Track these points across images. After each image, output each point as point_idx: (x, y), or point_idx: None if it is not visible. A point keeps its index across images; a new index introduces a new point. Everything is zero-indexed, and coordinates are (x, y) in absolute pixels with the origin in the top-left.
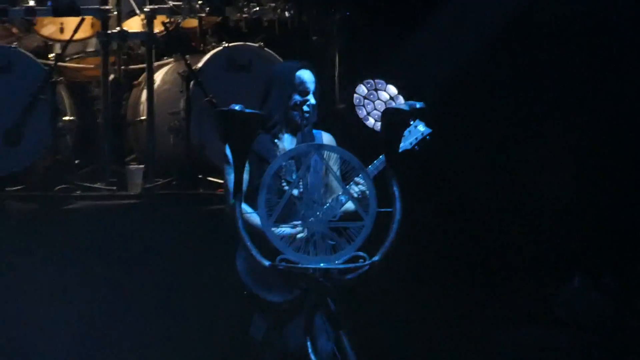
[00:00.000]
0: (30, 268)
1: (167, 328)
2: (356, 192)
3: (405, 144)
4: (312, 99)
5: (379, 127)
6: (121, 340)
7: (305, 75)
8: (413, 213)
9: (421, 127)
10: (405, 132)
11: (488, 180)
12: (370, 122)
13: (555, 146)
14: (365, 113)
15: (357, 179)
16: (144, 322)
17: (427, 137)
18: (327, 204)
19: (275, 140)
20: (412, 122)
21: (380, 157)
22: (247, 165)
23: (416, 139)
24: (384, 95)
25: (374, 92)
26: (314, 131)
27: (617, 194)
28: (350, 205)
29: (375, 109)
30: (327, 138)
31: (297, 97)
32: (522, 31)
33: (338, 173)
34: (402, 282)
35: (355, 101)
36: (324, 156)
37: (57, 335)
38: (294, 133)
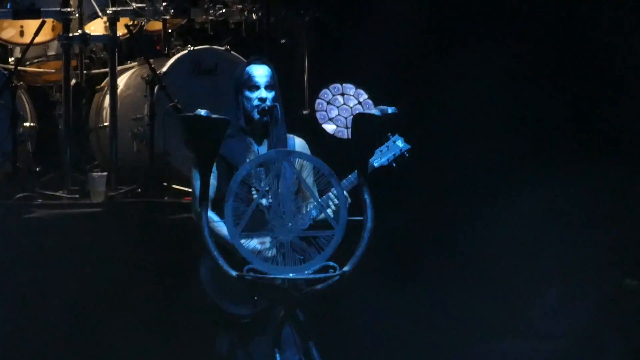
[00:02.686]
0: None
1: (129, 340)
2: (331, 208)
3: (382, 160)
4: (262, 93)
5: (341, 134)
6: (81, 350)
7: (255, 70)
8: (385, 222)
9: (399, 143)
10: (383, 148)
11: (463, 186)
12: (332, 128)
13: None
14: (326, 118)
15: (332, 193)
16: (105, 332)
17: (406, 153)
18: (297, 215)
19: (244, 145)
20: (390, 137)
21: (355, 172)
22: (215, 171)
23: (394, 155)
24: (352, 101)
25: (340, 97)
26: (288, 136)
27: (604, 202)
28: (322, 215)
29: (339, 114)
30: (299, 144)
31: (247, 93)
32: (498, 26)
33: (311, 181)
34: (375, 292)
35: (317, 106)
36: (296, 164)
37: (15, 345)
38: (262, 136)
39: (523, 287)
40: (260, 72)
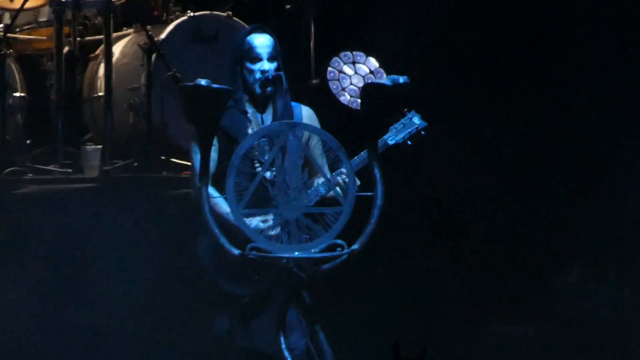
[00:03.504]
0: None
1: (126, 318)
2: (340, 186)
3: (398, 137)
4: (265, 65)
5: (355, 104)
6: (75, 330)
7: (256, 39)
8: (396, 198)
9: (416, 120)
10: (399, 125)
11: (477, 164)
12: (345, 98)
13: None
14: (339, 88)
15: (342, 169)
16: (100, 311)
17: (422, 131)
18: (304, 192)
19: (246, 117)
20: (406, 113)
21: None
22: (216, 144)
23: (410, 132)
24: (363, 69)
25: (352, 65)
26: (293, 104)
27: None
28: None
29: (352, 84)
30: (307, 114)
31: (248, 65)
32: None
33: (320, 152)
34: (384, 272)
35: (329, 75)
36: (301, 136)
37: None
38: (265, 107)
39: (542, 268)
40: (261, 42)
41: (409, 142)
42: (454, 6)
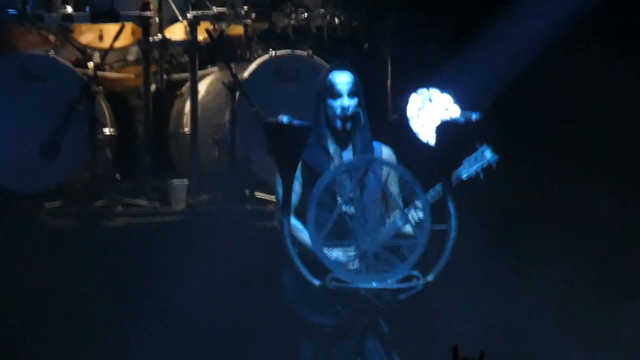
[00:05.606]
0: (68, 288)
1: (211, 348)
2: (415, 219)
3: (470, 171)
4: (345, 101)
5: (432, 140)
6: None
7: (337, 77)
8: (470, 231)
9: (487, 154)
10: (471, 158)
11: (549, 192)
12: (423, 134)
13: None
14: (417, 124)
15: (417, 203)
16: (187, 341)
17: (494, 164)
18: (382, 225)
19: (327, 152)
20: (478, 147)
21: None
22: (299, 178)
23: (482, 166)
24: (439, 106)
25: (428, 102)
26: (374, 143)
27: None
28: (406, 227)
29: (430, 120)
30: (386, 152)
31: (330, 101)
32: (583, 37)
33: (396, 189)
34: (460, 301)
35: (409, 112)
36: (381, 171)
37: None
38: (346, 143)
39: (612, 294)
40: (342, 79)
41: (482, 176)
42: (526, 46)
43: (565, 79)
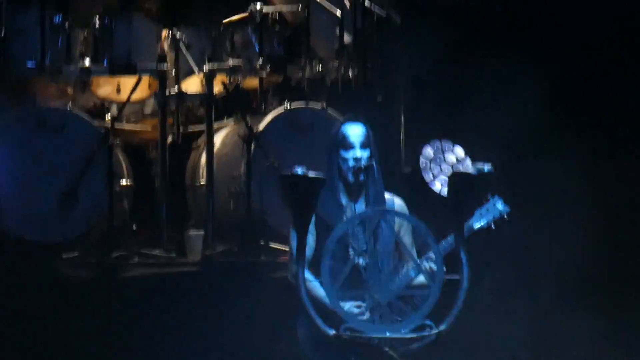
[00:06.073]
0: (86, 338)
1: None
2: (428, 270)
3: (482, 222)
4: (357, 152)
5: (444, 192)
6: None
7: (350, 129)
8: (481, 280)
9: (499, 205)
10: (483, 210)
11: (562, 243)
12: (437, 186)
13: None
14: (430, 176)
15: (430, 253)
16: None
17: (506, 216)
18: (395, 276)
19: (340, 204)
20: (490, 198)
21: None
22: (313, 230)
23: (494, 217)
24: (451, 158)
25: (441, 155)
26: (386, 196)
27: None
28: (419, 277)
29: (442, 172)
30: (398, 203)
31: (342, 153)
32: (594, 87)
33: (409, 240)
34: (472, 351)
35: (422, 164)
36: (393, 222)
37: None
38: (359, 196)
39: None
40: (355, 131)
41: (493, 227)
42: (539, 98)
43: (579, 130)
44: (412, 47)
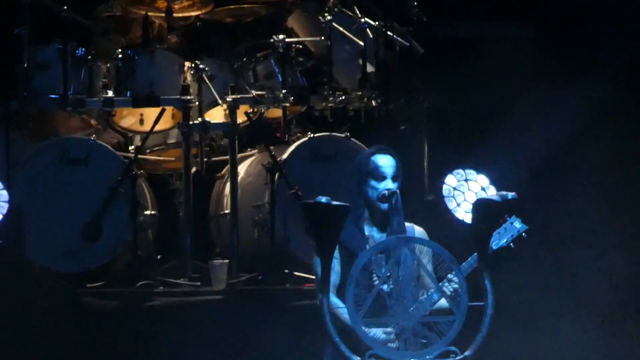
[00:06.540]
0: None
1: None
2: (449, 291)
3: (501, 241)
4: (389, 184)
5: (469, 219)
6: None
7: (381, 160)
8: (507, 306)
9: (517, 224)
10: (501, 229)
11: (587, 273)
12: (460, 214)
13: None
14: (455, 205)
15: (450, 276)
16: None
17: (524, 234)
18: (419, 302)
19: (364, 233)
20: (508, 219)
21: (474, 254)
22: (338, 257)
23: (512, 236)
24: (475, 186)
25: (464, 183)
26: (407, 224)
27: None
28: (442, 301)
29: (465, 200)
30: (419, 232)
31: (373, 183)
32: (614, 116)
33: (430, 268)
34: None
35: (445, 192)
36: (415, 250)
37: None
38: (382, 224)
39: None
40: (386, 162)
41: (512, 245)
42: (564, 127)
43: (601, 160)
44: (434, 76)
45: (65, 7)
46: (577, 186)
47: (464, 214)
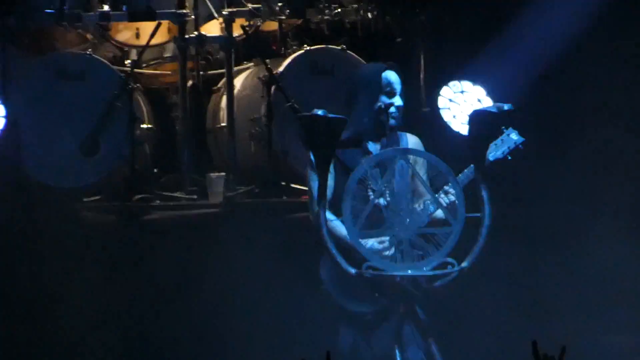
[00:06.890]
0: (107, 281)
1: (254, 337)
2: (445, 202)
3: (497, 153)
4: (399, 101)
5: (465, 131)
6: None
7: (392, 77)
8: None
9: (514, 136)
10: (498, 141)
11: (582, 182)
12: (456, 125)
13: None
14: (450, 116)
15: (447, 188)
16: (225, 334)
17: (520, 145)
18: (415, 212)
19: (358, 145)
20: (504, 130)
21: (471, 165)
22: (332, 172)
23: (509, 148)
24: (471, 98)
25: (460, 94)
26: (399, 133)
27: None
28: (438, 212)
29: (461, 111)
30: (413, 141)
31: (384, 99)
32: (614, 24)
33: (425, 178)
34: (492, 288)
35: (440, 104)
36: (410, 160)
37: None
38: (379, 137)
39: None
40: (396, 79)
41: (509, 157)
42: (559, 37)
43: (598, 70)
44: None
45: None
46: (577, 94)
47: (460, 125)
